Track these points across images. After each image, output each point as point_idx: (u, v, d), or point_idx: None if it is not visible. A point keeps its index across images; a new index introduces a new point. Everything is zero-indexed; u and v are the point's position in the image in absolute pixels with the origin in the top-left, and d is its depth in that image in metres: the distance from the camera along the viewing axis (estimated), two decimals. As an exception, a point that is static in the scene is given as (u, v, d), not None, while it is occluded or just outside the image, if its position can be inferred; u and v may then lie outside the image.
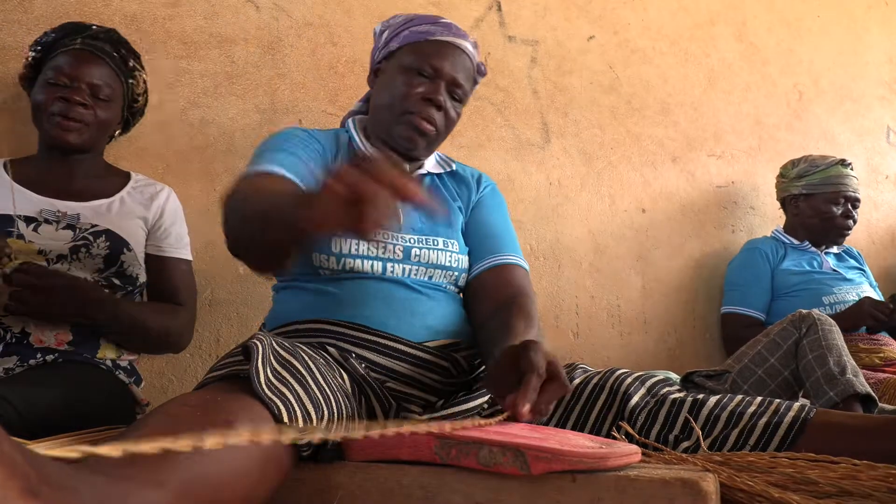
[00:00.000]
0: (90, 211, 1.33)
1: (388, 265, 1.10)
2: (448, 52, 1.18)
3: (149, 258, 1.40)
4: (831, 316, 1.97)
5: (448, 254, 1.16)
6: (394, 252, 1.11)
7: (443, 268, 1.15)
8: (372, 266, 1.09)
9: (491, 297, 1.16)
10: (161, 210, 1.43)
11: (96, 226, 1.30)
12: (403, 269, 1.12)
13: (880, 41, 3.13)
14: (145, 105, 1.49)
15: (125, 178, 1.45)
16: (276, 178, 1.00)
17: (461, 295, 1.22)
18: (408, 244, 1.13)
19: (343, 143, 1.22)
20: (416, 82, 1.16)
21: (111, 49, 1.37)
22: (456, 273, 1.18)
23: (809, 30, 2.91)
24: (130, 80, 1.41)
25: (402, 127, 1.17)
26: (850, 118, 2.96)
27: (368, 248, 1.10)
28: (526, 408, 0.77)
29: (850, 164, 2.28)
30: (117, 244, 1.31)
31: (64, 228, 1.28)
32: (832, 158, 2.29)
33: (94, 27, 1.38)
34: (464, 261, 1.19)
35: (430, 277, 1.14)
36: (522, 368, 0.81)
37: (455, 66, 1.18)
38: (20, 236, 1.23)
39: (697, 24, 2.60)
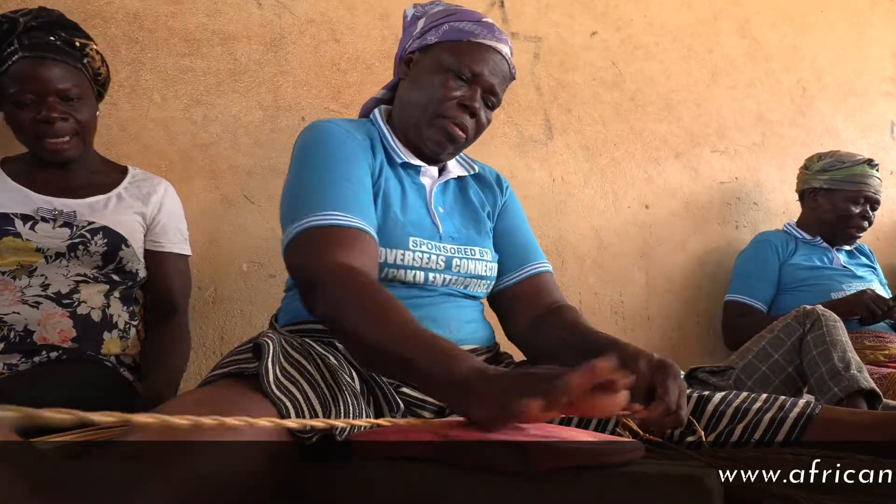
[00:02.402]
0: (87, 208, 1.32)
1: (430, 275, 1.08)
2: (489, 57, 1.13)
3: (147, 254, 1.40)
4: (829, 302, 1.96)
5: (483, 263, 1.15)
6: (436, 263, 1.09)
7: (479, 277, 1.14)
8: (414, 276, 1.06)
9: (530, 308, 1.17)
10: (159, 205, 1.42)
11: (93, 223, 1.29)
12: (444, 279, 1.09)
13: (884, 36, 3.11)
14: (108, 72, 1.39)
15: (122, 172, 1.43)
16: (370, 267, 0.96)
17: (483, 302, 1.21)
18: (449, 254, 1.10)
19: (375, 138, 1.16)
20: (453, 85, 1.11)
21: (56, 40, 1.26)
22: (488, 282, 1.17)
23: (813, 25, 2.90)
24: (86, 60, 1.31)
25: (434, 130, 1.13)
26: (853, 114, 2.95)
27: (413, 259, 1.06)
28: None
29: (876, 164, 2.25)
30: (115, 240, 1.30)
31: (61, 226, 1.27)
32: (859, 157, 2.26)
33: (20, 18, 1.23)
34: (495, 269, 1.18)
35: (466, 287, 1.13)
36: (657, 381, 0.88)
37: (494, 73, 1.13)
38: (17, 235, 1.23)
39: (700, 20, 2.59)
